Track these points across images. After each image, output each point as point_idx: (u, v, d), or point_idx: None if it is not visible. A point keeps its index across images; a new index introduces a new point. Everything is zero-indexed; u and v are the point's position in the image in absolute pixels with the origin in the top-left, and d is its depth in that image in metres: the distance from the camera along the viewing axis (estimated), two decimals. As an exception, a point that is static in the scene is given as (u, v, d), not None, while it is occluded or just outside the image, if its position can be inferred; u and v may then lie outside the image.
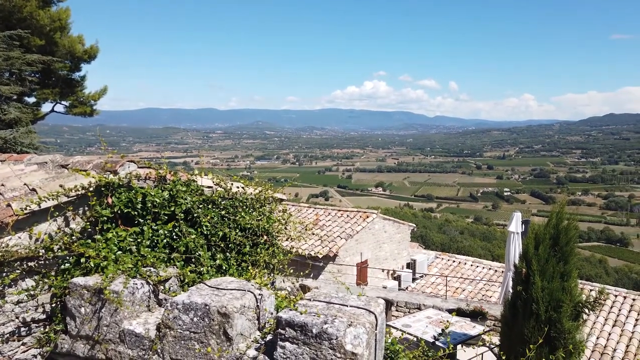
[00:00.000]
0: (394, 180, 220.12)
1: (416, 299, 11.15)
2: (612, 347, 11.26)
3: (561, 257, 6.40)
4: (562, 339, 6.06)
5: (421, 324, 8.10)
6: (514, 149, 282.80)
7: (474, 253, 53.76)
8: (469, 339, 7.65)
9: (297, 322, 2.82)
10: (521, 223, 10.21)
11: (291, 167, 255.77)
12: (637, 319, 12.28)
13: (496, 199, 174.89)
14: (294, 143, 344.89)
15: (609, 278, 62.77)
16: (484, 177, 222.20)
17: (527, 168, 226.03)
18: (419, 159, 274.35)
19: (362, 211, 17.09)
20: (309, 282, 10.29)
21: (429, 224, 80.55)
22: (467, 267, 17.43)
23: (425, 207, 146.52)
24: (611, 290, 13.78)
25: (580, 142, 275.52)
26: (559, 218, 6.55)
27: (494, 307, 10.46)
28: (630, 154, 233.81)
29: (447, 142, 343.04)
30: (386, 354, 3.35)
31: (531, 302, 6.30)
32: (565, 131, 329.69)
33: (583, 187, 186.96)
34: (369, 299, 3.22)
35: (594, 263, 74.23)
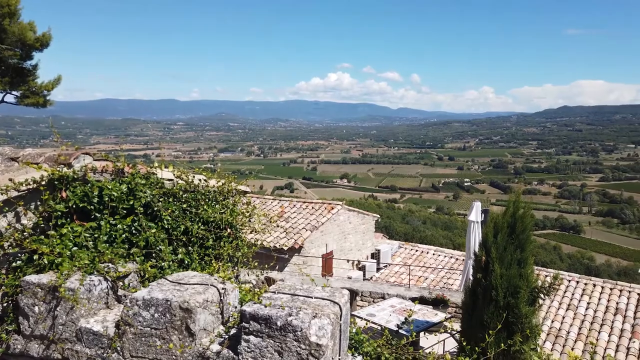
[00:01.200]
0: (359, 171, 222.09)
1: (380, 288, 11.33)
2: (565, 330, 11.80)
3: (518, 244, 6.61)
4: (520, 323, 6.28)
5: (385, 313, 8.24)
6: (474, 140, 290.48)
7: (436, 242, 55.08)
8: (431, 326, 7.84)
9: (261, 315, 2.80)
10: (481, 212, 10.50)
11: (256, 160, 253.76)
12: (589, 302, 12.90)
13: (457, 189, 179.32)
14: (258, 135, 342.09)
15: (562, 264, 65.72)
16: (446, 168, 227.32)
17: (487, 159, 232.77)
18: (383, 151, 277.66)
19: (327, 203, 17.16)
20: (274, 275, 10.28)
21: (393, 214, 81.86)
22: (429, 256, 17.82)
23: (389, 198, 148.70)
24: (565, 275, 14.40)
25: (536, 134, 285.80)
26: (515, 207, 6.76)
27: (455, 294, 10.76)
28: (582, 144, 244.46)
29: (410, 134, 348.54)
30: (351, 344, 3.37)
31: (490, 289, 6.49)
32: (522, 123, 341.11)
33: (539, 177, 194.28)
34: (334, 290, 3.23)
35: (549, 250, 77.53)
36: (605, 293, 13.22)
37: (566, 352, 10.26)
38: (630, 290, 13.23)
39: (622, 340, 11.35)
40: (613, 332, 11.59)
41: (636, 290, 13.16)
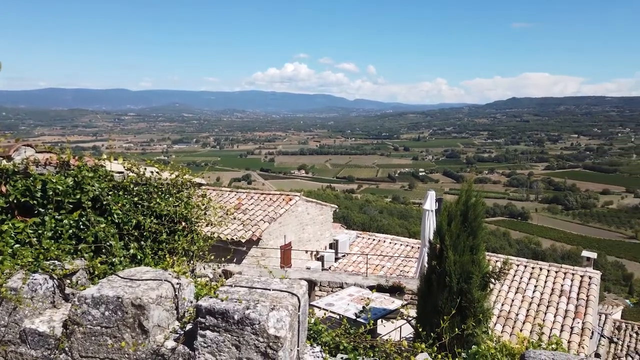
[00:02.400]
0: (317, 162, 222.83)
1: (339, 277, 11.44)
2: (515, 312, 12.35)
3: (470, 232, 6.84)
4: (472, 308, 6.51)
5: (344, 302, 8.34)
6: (428, 131, 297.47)
7: (392, 231, 56.19)
8: (388, 313, 8.00)
9: (218, 310, 2.74)
10: (435, 201, 10.78)
11: (212, 151, 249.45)
12: (536, 285, 13.55)
13: (412, 179, 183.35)
14: (214, 126, 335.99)
15: (511, 249, 68.73)
16: (401, 158, 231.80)
17: (440, 149, 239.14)
18: (340, 142, 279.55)
19: (285, 194, 17.10)
20: (231, 268, 10.16)
21: (351, 204, 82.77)
22: (386, 245, 18.15)
23: (346, 189, 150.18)
24: (514, 260, 15.04)
25: (487, 124, 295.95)
26: (467, 196, 6.97)
27: (411, 281, 11.02)
28: (529, 135, 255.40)
29: (367, 125, 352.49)
30: (309, 335, 3.38)
31: (444, 275, 6.68)
32: (473, 114, 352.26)
33: (489, 166, 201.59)
34: (292, 282, 3.22)
35: (499, 236, 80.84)
36: (551, 276, 13.92)
37: (515, 334, 10.75)
38: (573, 272, 14.00)
39: (567, 320, 12.01)
40: (558, 313, 12.24)
41: (579, 273, 13.93)
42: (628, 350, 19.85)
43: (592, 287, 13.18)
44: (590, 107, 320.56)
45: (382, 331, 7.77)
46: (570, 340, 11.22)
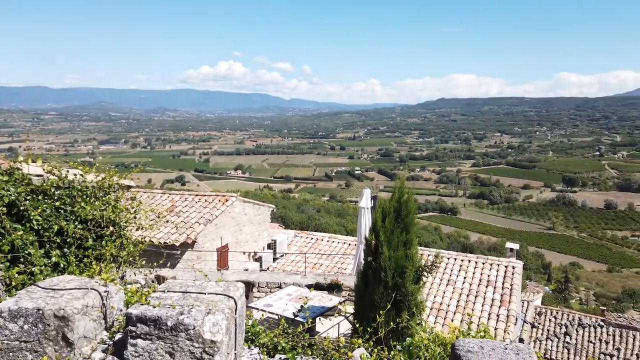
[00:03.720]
0: (253, 162, 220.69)
1: (277, 278, 11.40)
2: (446, 303, 12.92)
3: (404, 227, 7.05)
4: (407, 301, 6.73)
5: (282, 302, 8.32)
6: (363, 130, 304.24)
7: (330, 229, 56.89)
8: (326, 311, 8.08)
9: (149, 317, 2.64)
10: (370, 199, 11.02)
11: (142, 152, 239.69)
12: (465, 276, 14.26)
13: (349, 177, 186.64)
14: (144, 125, 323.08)
15: (442, 243, 71.89)
16: (338, 157, 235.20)
17: (375, 148, 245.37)
18: (277, 141, 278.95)
19: (221, 195, 16.76)
20: (165, 273, 9.80)
21: (288, 204, 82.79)
22: (324, 243, 18.33)
23: (284, 188, 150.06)
24: (444, 253, 15.73)
25: (418, 124, 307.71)
26: (400, 193, 7.19)
27: (349, 278, 11.20)
28: (457, 133, 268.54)
29: (304, 124, 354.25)
30: (247, 337, 3.33)
31: (380, 271, 6.85)
32: (405, 114, 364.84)
33: (421, 164, 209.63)
34: (228, 284, 3.16)
35: (431, 231, 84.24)
36: (479, 267, 14.71)
37: (447, 324, 11.25)
38: (498, 263, 14.88)
39: (493, 308, 12.75)
40: (485, 302, 12.96)
41: (503, 263, 14.83)
42: (548, 333, 21.45)
43: (516, 277, 14.08)
44: (512, 108, 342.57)
45: (321, 329, 7.84)
46: (496, 327, 11.92)
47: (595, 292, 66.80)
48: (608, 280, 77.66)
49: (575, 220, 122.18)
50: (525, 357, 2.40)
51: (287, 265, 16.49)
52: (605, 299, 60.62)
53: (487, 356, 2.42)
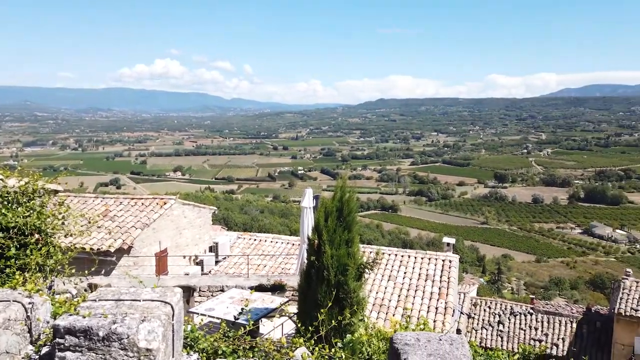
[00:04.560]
0: (193, 163, 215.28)
1: (219, 281, 11.18)
2: (388, 298, 13.24)
3: (346, 226, 7.15)
4: (349, 298, 6.82)
5: (224, 305, 8.17)
6: (306, 130, 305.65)
7: (274, 230, 56.65)
8: (270, 312, 8.04)
9: (79, 328, 2.51)
10: (313, 198, 11.08)
11: (73, 154, 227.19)
12: (405, 271, 14.68)
13: (292, 177, 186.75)
14: (74, 126, 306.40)
15: (384, 240, 73.71)
16: (280, 157, 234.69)
17: (317, 148, 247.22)
18: (218, 142, 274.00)
19: (159, 198, 16.20)
20: (98, 280, 9.33)
21: (231, 205, 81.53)
22: (267, 244, 18.21)
23: (226, 189, 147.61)
24: (385, 250, 16.10)
25: (359, 124, 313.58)
26: (342, 192, 7.28)
27: (292, 278, 11.21)
28: (397, 133, 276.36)
29: (245, 125, 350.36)
30: (186, 343, 3.24)
31: (323, 269, 6.90)
32: (346, 114, 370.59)
33: (362, 163, 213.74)
34: (165, 290, 3.06)
35: (373, 228, 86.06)
36: (418, 262, 15.20)
37: (389, 319, 11.54)
38: (436, 258, 15.45)
39: (432, 301, 13.22)
40: (425, 295, 13.41)
41: (441, 258, 15.42)
42: (483, 323, 22.57)
43: (452, 270, 14.67)
44: (447, 108, 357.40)
45: (264, 330, 7.78)
46: (435, 319, 12.37)
47: (525, 282, 71.08)
48: (536, 270, 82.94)
49: (506, 214, 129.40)
50: (458, 346, 2.51)
51: (229, 267, 16.23)
52: (534, 287, 64.72)
53: (423, 348, 2.50)
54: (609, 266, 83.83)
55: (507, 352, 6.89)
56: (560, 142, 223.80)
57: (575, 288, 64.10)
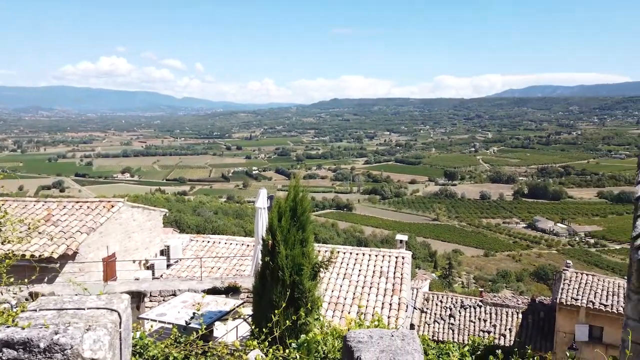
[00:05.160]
0: (143, 164, 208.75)
1: (171, 285, 10.89)
2: (343, 296, 13.37)
3: (300, 226, 7.14)
4: (304, 298, 6.83)
5: (176, 310, 7.97)
6: (259, 129, 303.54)
7: (228, 231, 55.82)
8: (224, 314, 7.91)
9: (18, 340, 2.38)
10: (267, 199, 11.01)
11: (11, 156, 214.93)
12: (360, 269, 14.87)
13: (246, 177, 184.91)
14: (12, 126, 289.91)
15: (339, 238, 74.32)
16: (234, 157, 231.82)
17: (272, 147, 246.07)
18: (169, 142, 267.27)
19: (106, 201, 15.57)
20: (41, 289, 8.85)
21: (183, 207, 79.60)
22: (221, 246, 17.92)
23: (178, 191, 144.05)
24: (340, 249, 16.24)
25: (313, 123, 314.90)
26: (296, 192, 7.27)
27: (247, 280, 11.08)
28: (350, 132, 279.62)
29: (197, 124, 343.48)
30: (135, 350, 3.14)
31: (277, 270, 6.87)
32: (301, 113, 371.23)
33: (317, 162, 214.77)
34: (111, 297, 2.96)
35: (328, 227, 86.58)
36: (372, 260, 15.43)
37: (344, 317, 11.65)
38: (390, 255, 15.74)
39: (386, 297, 13.46)
40: (379, 292, 13.64)
41: (394, 254, 15.72)
42: (435, 317, 23.22)
43: (405, 266, 15.00)
44: (398, 108, 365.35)
45: (218, 334, 7.65)
46: (389, 315, 12.60)
47: (474, 276, 73.83)
48: (485, 264, 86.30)
49: (456, 210, 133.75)
50: (409, 342, 2.56)
51: (182, 271, 15.86)
52: (483, 281, 67.35)
53: (376, 344, 2.54)
54: (551, 258, 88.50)
55: (458, 345, 7.11)
56: (505, 141, 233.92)
57: (521, 280, 67.22)
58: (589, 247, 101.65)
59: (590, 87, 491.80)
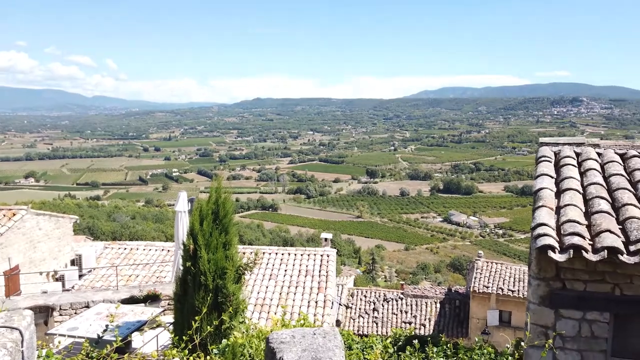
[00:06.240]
0: (50, 168, 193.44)
1: (83, 296, 10.19)
2: (269, 297, 13.30)
3: (222, 229, 7.00)
4: (229, 302, 6.70)
5: (89, 323, 7.46)
6: (179, 130, 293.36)
7: (148, 237, 53.39)
8: (144, 324, 7.54)
9: None
10: (187, 202, 10.68)
11: None
12: (286, 269, 14.88)
13: (166, 179, 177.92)
14: None
15: (265, 239, 73.84)
16: (152, 159, 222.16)
17: (193, 148, 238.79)
18: (79, 143, 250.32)
19: (7, 208, 14.24)
20: None
21: (97, 213, 74.88)
22: (139, 253, 17.06)
23: (91, 196, 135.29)
24: (266, 249, 16.16)
25: (236, 123, 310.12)
26: (217, 194, 7.12)
27: (168, 286, 10.65)
28: (274, 132, 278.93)
29: (111, 124, 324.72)
30: (40, 371, 2.90)
31: (200, 275, 6.68)
32: (223, 113, 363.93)
33: (241, 163, 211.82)
34: (12, 314, 2.71)
35: (254, 228, 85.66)
36: (298, 259, 15.51)
37: (271, 318, 11.59)
38: (315, 253, 15.92)
39: (312, 296, 13.59)
40: (305, 291, 13.74)
41: (319, 253, 15.92)
42: (360, 311, 23.86)
43: (330, 264, 15.25)
44: (321, 108, 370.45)
45: (137, 344, 7.28)
46: (315, 313, 12.74)
47: (396, 269, 76.73)
48: (405, 257, 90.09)
49: (378, 207, 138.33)
50: (330, 338, 2.60)
51: (96, 281, 14.90)
52: (404, 274, 70.21)
53: (299, 344, 2.55)
54: (465, 249, 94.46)
55: (381, 337, 7.36)
56: (422, 140, 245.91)
57: (439, 271, 71.02)
58: (498, 237, 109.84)
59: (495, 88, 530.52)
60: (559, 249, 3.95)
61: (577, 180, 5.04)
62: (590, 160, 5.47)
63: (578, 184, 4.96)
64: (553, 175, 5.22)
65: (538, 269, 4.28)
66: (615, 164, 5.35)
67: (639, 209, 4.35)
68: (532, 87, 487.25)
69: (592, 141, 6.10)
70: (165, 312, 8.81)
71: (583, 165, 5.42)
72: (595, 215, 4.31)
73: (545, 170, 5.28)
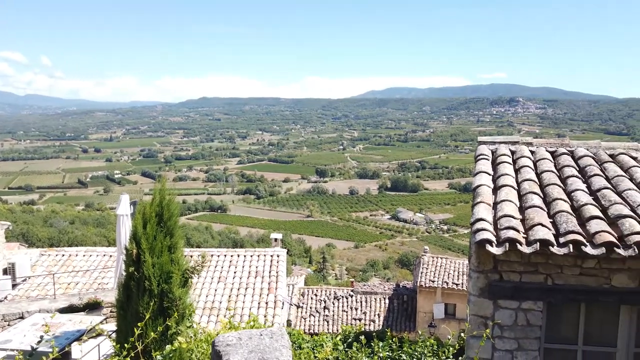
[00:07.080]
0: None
1: (17, 307, 9.58)
2: (218, 300, 13.08)
3: (167, 232, 6.81)
4: (175, 306, 6.53)
5: (24, 334, 7.02)
6: (121, 130, 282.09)
7: (89, 242, 50.96)
8: (84, 333, 7.20)
9: None
10: (130, 204, 10.30)
11: None
12: (235, 271, 14.68)
13: (107, 182, 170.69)
14: None
15: (214, 241, 72.42)
16: (92, 160, 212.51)
17: (136, 149, 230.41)
18: (11, 145, 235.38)
19: None
20: None
21: (31, 218, 70.65)
22: (79, 259, 16.26)
23: (24, 200, 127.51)
24: (214, 251, 15.87)
25: (182, 123, 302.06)
26: (162, 196, 6.91)
27: (110, 293, 10.23)
28: (222, 132, 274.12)
29: (45, 125, 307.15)
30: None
31: (144, 280, 6.46)
32: (167, 113, 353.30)
33: (187, 163, 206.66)
34: None
35: (202, 230, 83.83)
36: (247, 260, 15.34)
37: (220, 321, 11.40)
38: (265, 254, 15.81)
39: (262, 297, 13.50)
40: (255, 292, 13.62)
41: (269, 254, 15.83)
42: (311, 310, 23.95)
43: (280, 264, 15.20)
44: (270, 107, 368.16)
45: (78, 355, 6.95)
46: (266, 314, 12.64)
47: (346, 267, 77.67)
48: (355, 255, 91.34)
49: (327, 206, 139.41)
50: (278, 339, 2.60)
51: (31, 290, 14.06)
52: (354, 271, 71.18)
53: (245, 346, 2.52)
54: (412, 245, 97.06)
55: (331, 335, 7.43)
56: (370, 139, 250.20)
57: (387, 268, 72.54)
58: (443, 233, 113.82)
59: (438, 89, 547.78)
60: (496, 243, 4.15)
61: (512, 177, 5.32)
62: (524, 157, 5.80)
63: (513, 180, 5.24)
64: (490, 173, 5.48)
65: (477, 262, 4.47)
66: (547, 161, 5.70)
67: (568, 204, 4.65)
68: (474, 88, 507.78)
69: (525, 140, 6.46)
70: (108, 320, 8.45)
71: (517, 162, 5.73)
72: (528, 210, 4.56)
73: (483, 168, 5.53)
